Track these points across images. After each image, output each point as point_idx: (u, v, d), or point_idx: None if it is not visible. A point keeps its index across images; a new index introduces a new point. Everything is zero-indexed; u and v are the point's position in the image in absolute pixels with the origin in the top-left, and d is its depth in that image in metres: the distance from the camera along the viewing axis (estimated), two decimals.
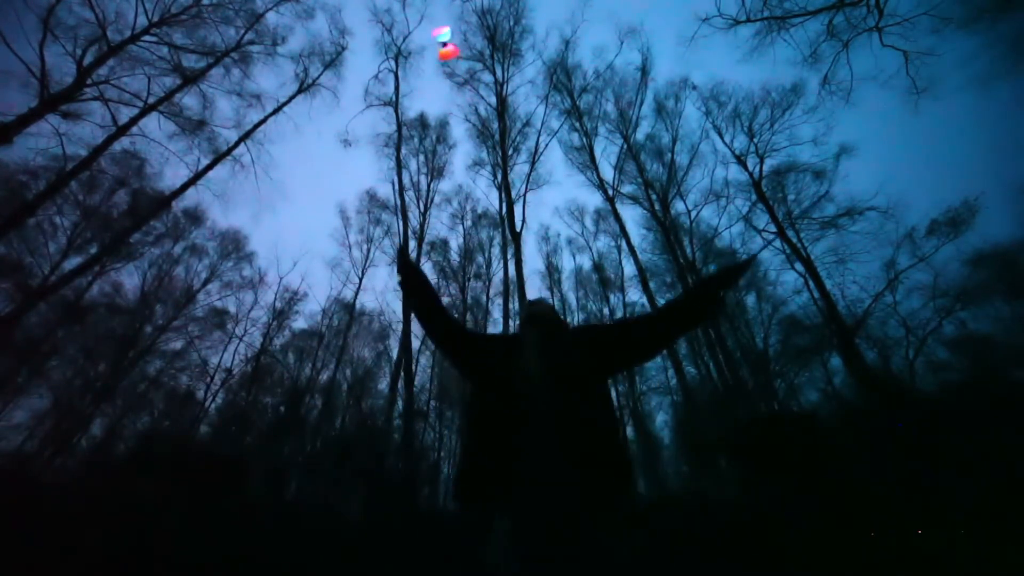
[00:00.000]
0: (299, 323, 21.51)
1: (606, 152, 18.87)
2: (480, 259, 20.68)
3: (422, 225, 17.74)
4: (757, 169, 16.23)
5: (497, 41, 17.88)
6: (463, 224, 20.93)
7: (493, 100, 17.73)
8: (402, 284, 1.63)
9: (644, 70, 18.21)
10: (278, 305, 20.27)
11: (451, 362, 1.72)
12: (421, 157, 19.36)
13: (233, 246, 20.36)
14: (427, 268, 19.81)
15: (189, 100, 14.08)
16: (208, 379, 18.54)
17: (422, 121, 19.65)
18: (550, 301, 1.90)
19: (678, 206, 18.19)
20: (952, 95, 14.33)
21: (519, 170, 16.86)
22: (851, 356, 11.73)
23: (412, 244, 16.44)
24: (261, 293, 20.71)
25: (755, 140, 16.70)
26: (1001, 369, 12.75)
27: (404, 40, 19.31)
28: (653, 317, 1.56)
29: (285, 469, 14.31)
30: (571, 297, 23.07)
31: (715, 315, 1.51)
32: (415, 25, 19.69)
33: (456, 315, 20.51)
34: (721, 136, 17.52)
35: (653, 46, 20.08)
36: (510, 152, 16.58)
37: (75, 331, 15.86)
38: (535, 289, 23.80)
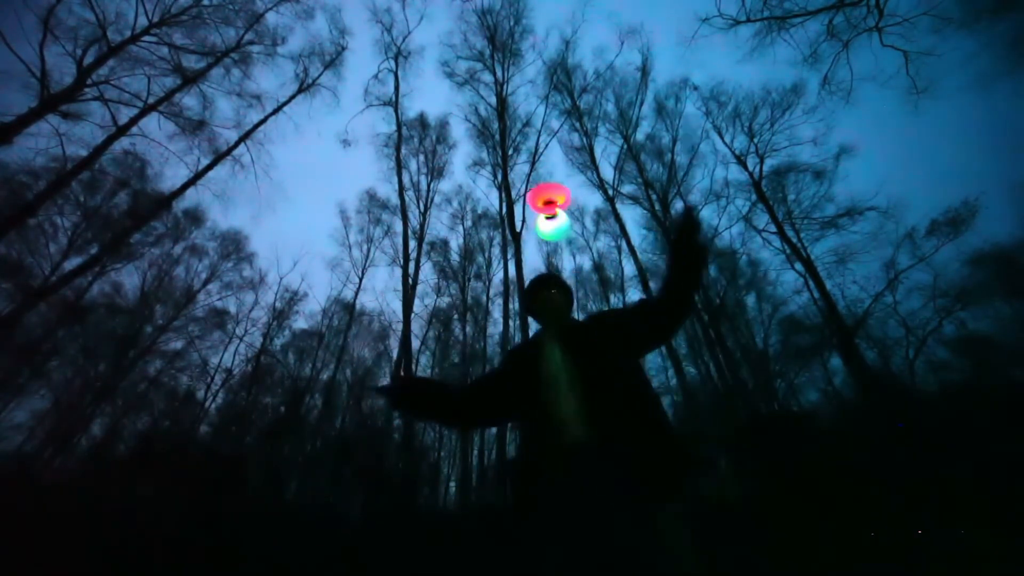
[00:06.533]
0: (299, 323, 21.50)
1: (606, 152, 18.84)
2: (480, 259, 20.67)
3: (422, 225, 17.74)
4: (757, 169, 16.24)
5: (497, 41, 17.87)
6: (463, 224, 20.93)
7: (493, 100, 17.72)
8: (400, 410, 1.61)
9: (644, 70, 18.21)
10: (278, 305, 20.25)
11: (489, 424, 1.70)
12: (421, 157, 19.35)
13: (233, 246, 20.32)
14: (427, 268, 19.82)
15: (189, 100, 14.07)
16: (208, 379, 18.53)
17: (422, 121, 19.65)
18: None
19: (678, 206, 18.19)
20: (952, 95, 14.31)
21: (519, 170, 16.84)
22: (851, 356, 11.72)
23: (412, 244, 16.44)
24: (261, 293, 20.68)
25: (755, 140, 16.71)
26: (1001, 369, 12.76)
27: (404, 40, 19.32)
28: (658, 297, 1.53)
29: (285, 469, 14.32)
30: None
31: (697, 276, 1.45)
32: (415, 25, 19.68)
33: (455, 315, 20.62)
34: (721, 136, 17.53)
35: (653, 46, 19.98)
36: (510, 152, 16.57)
37: (75, 331, 15.86)
38: None
